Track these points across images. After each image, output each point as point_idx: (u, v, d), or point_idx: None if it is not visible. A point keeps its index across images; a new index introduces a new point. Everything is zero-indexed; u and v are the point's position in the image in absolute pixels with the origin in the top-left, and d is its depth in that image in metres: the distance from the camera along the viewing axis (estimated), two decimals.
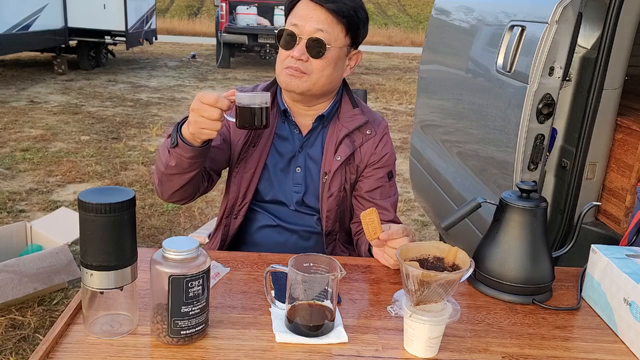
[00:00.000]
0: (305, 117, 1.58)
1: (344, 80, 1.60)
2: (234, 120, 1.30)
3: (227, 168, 1.63)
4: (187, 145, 1.33)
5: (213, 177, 1.58)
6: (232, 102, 1.29)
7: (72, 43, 9.94)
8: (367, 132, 1.58)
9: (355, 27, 1.49)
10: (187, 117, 1.34)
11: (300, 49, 1.44)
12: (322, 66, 1.46)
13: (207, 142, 1.36)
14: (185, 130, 1.33)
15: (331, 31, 1.45)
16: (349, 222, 1.66)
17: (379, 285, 1.31)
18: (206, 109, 1.26)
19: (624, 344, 1.13)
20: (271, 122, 1.56)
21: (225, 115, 1.29)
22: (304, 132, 1.58)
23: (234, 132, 1.57)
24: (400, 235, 1.32)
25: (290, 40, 1.45)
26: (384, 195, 1.61)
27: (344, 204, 1.60)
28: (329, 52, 1.45)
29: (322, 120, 1.57)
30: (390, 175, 1.62)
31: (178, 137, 1.34)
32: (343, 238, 1.66)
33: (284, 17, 1.55)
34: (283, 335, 1.06)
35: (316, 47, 1.44)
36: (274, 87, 1.59)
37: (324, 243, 1.61)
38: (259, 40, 10.74)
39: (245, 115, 1.28)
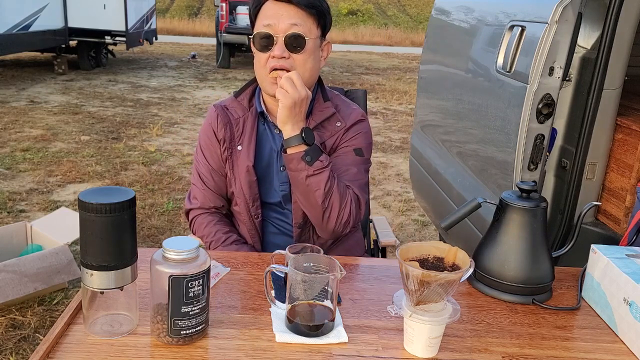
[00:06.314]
0: None
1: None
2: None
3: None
4: None
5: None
6: None
7: (72, 43, 9.95)
8: (337, 124, 1.57)
9: (324, 17, 1.51)
10: None
11: (279, 47, 1.45)
12: (304, 59, 1.47)
13: None
14: None
15: (304, 23, 1.46)
16: None
17: (379, 285, 1.31)
18: None
19: (624, 344, 1.13)
20: (251, 125, 1.57)
21: None
22: None
23: (218, 163, 1.60)
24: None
25: (267, 42, 1.46)
26: (346, 166, 1.55)
27: None
28: (308, 44, 1.47)
29: None
30: (359, 153, 1.58)
31: None
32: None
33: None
34: (283, 335, 1.06)
35: (295, 42, 1.45)
36: (250, 88, 1.60)
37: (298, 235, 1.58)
38: None
39: None
